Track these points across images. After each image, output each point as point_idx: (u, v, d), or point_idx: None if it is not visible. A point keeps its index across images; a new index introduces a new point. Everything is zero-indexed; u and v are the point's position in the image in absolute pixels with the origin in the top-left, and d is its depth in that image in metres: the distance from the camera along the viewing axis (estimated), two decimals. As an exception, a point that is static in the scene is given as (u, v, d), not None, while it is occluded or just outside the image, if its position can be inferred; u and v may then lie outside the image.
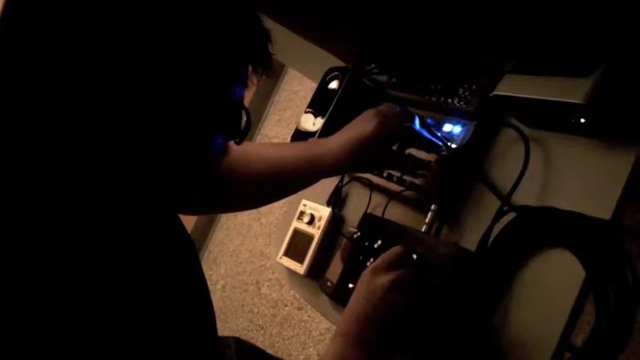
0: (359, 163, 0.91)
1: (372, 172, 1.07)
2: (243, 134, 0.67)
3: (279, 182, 0.94)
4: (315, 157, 0.91)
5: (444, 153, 0.94)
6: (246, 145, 0.93)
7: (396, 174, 1.03)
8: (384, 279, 0.79)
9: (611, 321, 0.70)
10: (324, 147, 0.91)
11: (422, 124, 0.92)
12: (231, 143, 0.68)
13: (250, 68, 0.64)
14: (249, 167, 0.92)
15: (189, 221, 2.87)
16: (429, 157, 0.97)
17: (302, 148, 0.93)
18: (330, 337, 0.80)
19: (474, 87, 0.94)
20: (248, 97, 2.92)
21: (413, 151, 0.98)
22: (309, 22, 1.13)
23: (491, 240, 0.86)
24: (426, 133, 0.93)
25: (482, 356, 0.81)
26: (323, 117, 1.08)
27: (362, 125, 0.89)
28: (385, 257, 0.83)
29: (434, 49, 1.03)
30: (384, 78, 1.10)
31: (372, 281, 0.80)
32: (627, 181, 0.76)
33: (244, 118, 0.66)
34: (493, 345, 0.81)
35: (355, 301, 0.80)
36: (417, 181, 0.99)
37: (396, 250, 0.84)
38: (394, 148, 0.93)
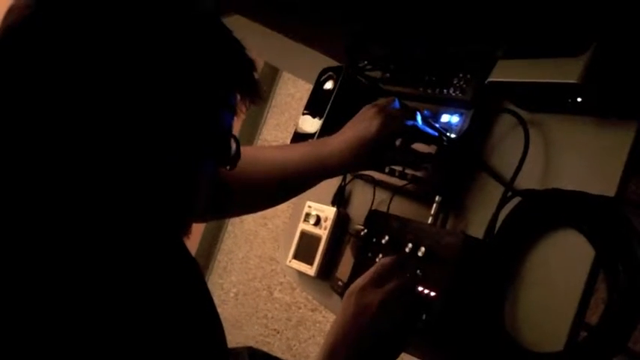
0: (364, 162, 0.92)
1: (376, 170, 1.08)
2: (234, 161, 0.68)
3: (285, 184, 0.95)
4: (320, 158, 0.91)
5: (445, 144, 0.95)
6: (250, 150, 0.94)
7: (398, 168, 1.03)
8: (373, 297, 0.77)
9: (624, 298, 0.70)
10: (329, 147, 0.91)
11: (422, 119, 0.93)
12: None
13: (238, 97, 0.65)
14: (255, 171, 0.93)
15: (196, 232, 2.87)
16: (430, 149, 0.97)
17: (306, 150, 0.93)
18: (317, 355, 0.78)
19: (468, 76, 0.94)
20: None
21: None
22: (299, 24, 1.13)
23: (497, 226, 0.86)
24: (428, 129, 0.93)
25: (498, 342, 0.81)
26: (321, 118, 1.08)
27: (364, 125, 0.89)
28: (372, 272, 0.80)
29: (424, 40, 1.03)
30: (377, 74, 1.11)
31: (360, 300, 0.77)
32: (629, 156, 0.76)
33: (234, 145, 0.67)
34: (508, 330, 0.81)
35: (344, 320, 0.77)
36: (419, 173, 0.99)
37: (382, 263, 0.81)
38: (397, 143, 0.94)
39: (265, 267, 2.64)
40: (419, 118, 0.92)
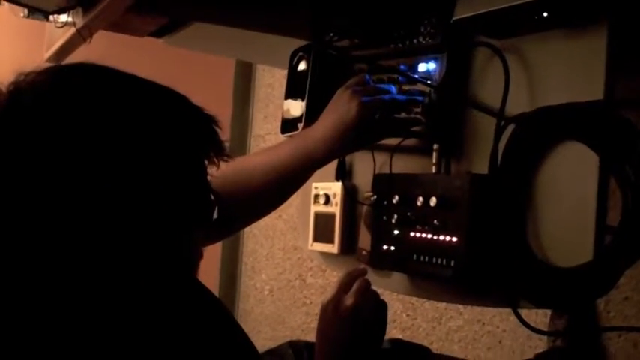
0: (351, 145, 0.95)
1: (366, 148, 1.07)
2: (218, 222, 0.71)
3: (280, 186, 0.97)
4: (307, 151, 0.93)
5: (426, 101, 0.95)
6: (239, 162, 0.96)
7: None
8: (347, 301, 0.86)
9: (637, 194, 0.71)
10: (313, 139, 0.93)
11: (398, 82, 0.94)
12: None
13: (206, 162, 0.67)
14: (250, 182, 0.95)
15: (216, 246, 2.88)
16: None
17: (292, 147, 0.94)
18: None
19: (434, 20, 0.94)
20: (229, 104, 2.92)
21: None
22: (256, 14, 1.13)
23: (500, 158, 0.86)
24: (403, 97, 0.94)
25: (530, 269, 0.82)
26: (303, 99, 1.09)
27: (343, 109, 0.91)
28: (337, 284, 0.89)
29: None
30: (346, 43, 1.10)
31: (337, 309, 0.87)
32: (607, 56, 0.76)
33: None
34: (537, 255, 0.82)
35: (326, 331, 0.87)
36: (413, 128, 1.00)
37: (346, 274, 0.91)
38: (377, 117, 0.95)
39: (291, 257, 2.65)
40: (393, 88, 0.94)
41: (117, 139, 0.59)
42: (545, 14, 0.77)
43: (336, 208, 1.17)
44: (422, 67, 0.97)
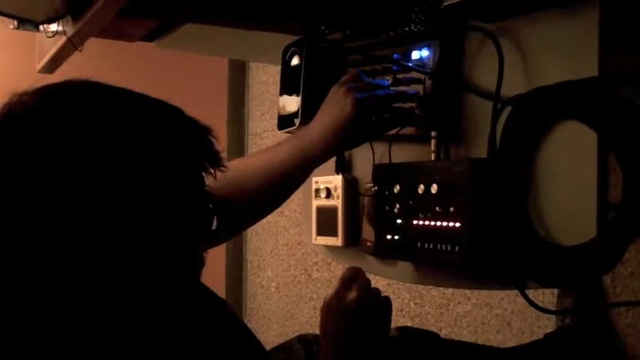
0: (348, 142, 0.95)
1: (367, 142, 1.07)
2: (219, 227, 0.71)
3: (281, 186, 0.97)
4: (304, 151, 0.93)
5: (420, 94, 0.95)
6: (238, 164, 0.96)
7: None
8: (350, 296, 0.84)
9: (637, 170, 0.71)
10: (310, 138, 0.93)
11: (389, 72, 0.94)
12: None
13: (203, 174, 0.68)
14: (250, 184, 0.96)
15: (220, 246, 2.88)
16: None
17: (290, 146, 0.95)
18: None
19: (424, 6, 0.94)
20: (224, 104, 2.91)
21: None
22: (247, 12, 1.13)
23: (498, 140, 0.86)
24: (397, 91, 0.94)
25: (536, 251, 0.82)
26: (298, 94, 1.08)
27: (338, 107, 0.91)
28: (339, 280, 0.87)
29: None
30: (338, 35, 1.10)
31: (340, 304, 0.84)
32: (600, 32, 0.76)
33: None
34: (542, 236, 0.82)
35: (332, 329, 0.85)
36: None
37: (344, 270, 0.89)
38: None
39: (296, 253, 2.66)
40: (387, 83, 0.94)
41: (111, 155, 0.59)
42: (535, -6, 0.77)
43: (337, 201, 1.17)
44: (415, 54, 0.97)
